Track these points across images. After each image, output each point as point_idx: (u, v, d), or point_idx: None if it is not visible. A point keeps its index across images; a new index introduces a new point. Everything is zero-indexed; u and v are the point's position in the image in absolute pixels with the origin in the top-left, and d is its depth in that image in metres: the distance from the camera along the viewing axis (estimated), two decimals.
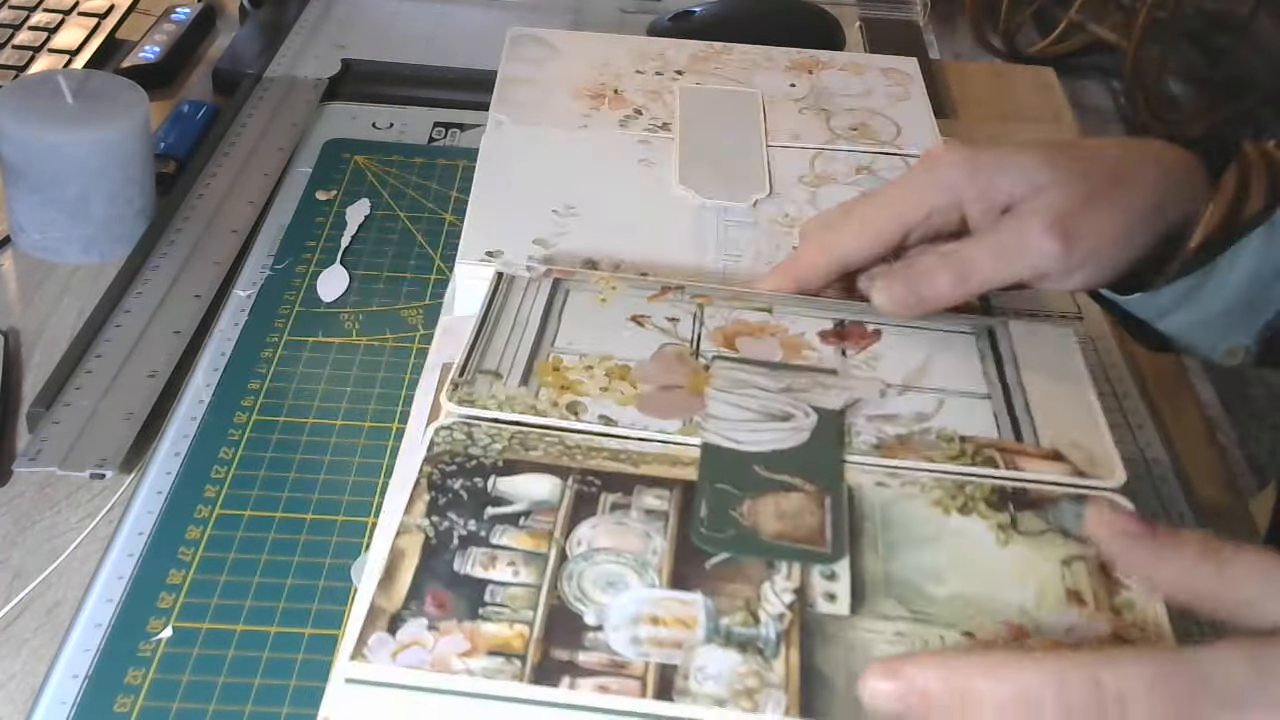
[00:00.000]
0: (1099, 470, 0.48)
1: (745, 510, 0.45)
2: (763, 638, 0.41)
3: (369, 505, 0.56)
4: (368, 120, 0.84)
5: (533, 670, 0.39)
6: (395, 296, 0.68)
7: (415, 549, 0.43)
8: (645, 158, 0.69)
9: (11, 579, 0.52)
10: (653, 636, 0.40)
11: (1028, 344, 0.55)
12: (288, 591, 0.52)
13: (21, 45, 0.86)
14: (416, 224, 0.74)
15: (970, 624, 0.42)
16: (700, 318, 0.54)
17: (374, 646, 0.39)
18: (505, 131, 0.71)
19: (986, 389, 0.52)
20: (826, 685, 0.39)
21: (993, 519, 0.46)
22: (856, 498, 0.46)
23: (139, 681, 0.48)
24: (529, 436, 0.48)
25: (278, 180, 0.76)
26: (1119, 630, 0.42)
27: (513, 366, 0.51)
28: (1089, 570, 0.44)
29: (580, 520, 0.44)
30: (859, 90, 0.77)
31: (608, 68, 0.77)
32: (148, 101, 0.70)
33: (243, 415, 0.60)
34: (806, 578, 0.43)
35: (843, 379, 0.52)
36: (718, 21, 0.91)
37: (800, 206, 0.66)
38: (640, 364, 0.51)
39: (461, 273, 0.60)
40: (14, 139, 0.67)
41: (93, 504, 0.56)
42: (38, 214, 0.69)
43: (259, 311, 0.66)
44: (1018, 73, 0.98)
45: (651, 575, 0.42)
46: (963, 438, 0.49)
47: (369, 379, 0.63)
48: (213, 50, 0.91)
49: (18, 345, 0.64)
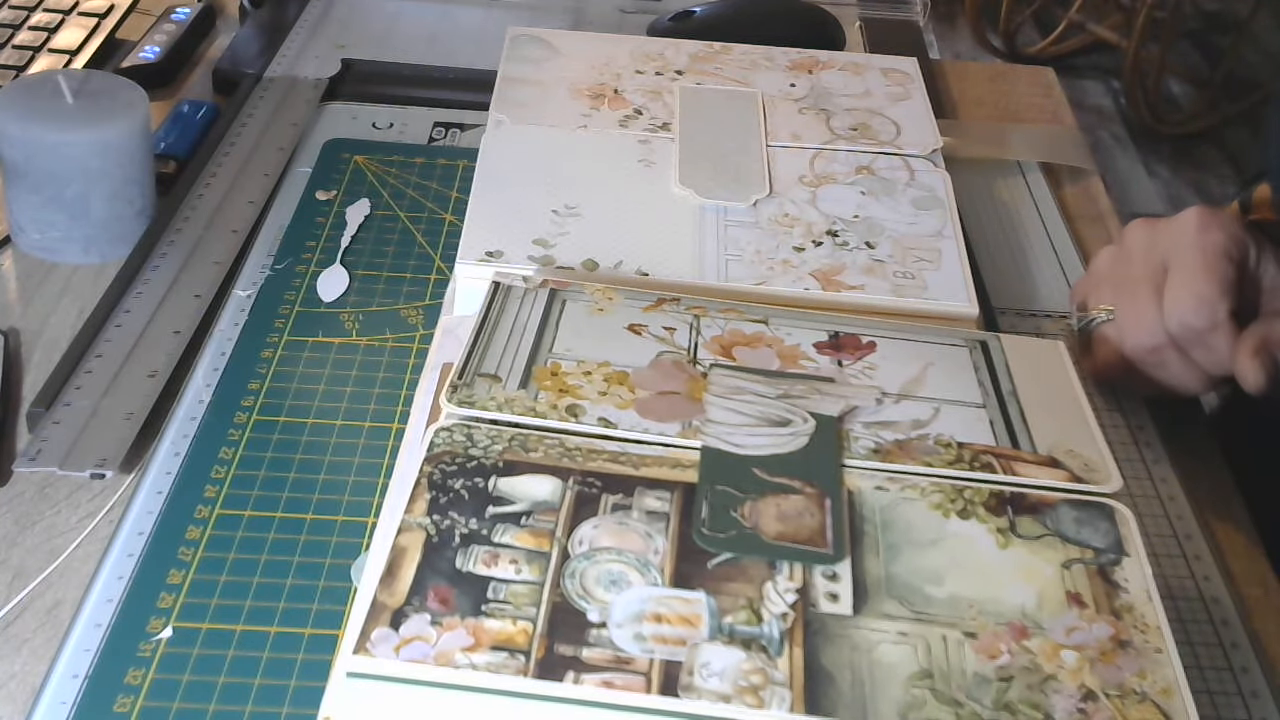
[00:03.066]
0: (1096, 476, 0.48)
1: (746, 512, 0.45)
2: (766, 636, 0.41)
3: (369, 505, 0.56)
4: (368, 120, 0.84)
5: (537, 665, 0.39)
6: (395, 296, 0.68)
7: (417, 546, 0.43)
8: (645, 158, 0.69)
9: (11, 579, 0.52)
10: (657, 633, 0.40)
11: (1020, 356, 0.55)
12: (288, 591, 0.52)
13: (21, 45, 0.86)
14: (416, 224, 0.74)
15: (972, 624, 0.42)
16: (696, 328, 0.54)
17: (377, 641, 0.39)
18: (505, 131, 0.71)
19: (981, 398, 0.52)
20: (831, 683, 0.39)
21: (992, 523, 0.46)
22: (856, 501, 0.46)
23: (139, 681, 0.48)
24: (529, 439, 0.48)
25: (278, 180, 0.76)
26: (1120, 632, 0.42)
27: (511, 370, 0.51)
28: (1089, 573, 0.44)
29: (582, 520, 0.44)
30: (859, 90, 0.77)
31: (608, 68, 0.77)
32: (148, 101, 0.70)
33: (243, 415, 0.60)
34: (808, 578, 0.43)
35: (840, 387, 0.52)
36: (718, 21, 0.91)
37: (800, 206, 0.66)
38: (638, 370, 0.51)
39: (461, 273, 0.60)
40: (14, 139, 0.67)
41: (93, 504, 0.56)
42: (38, 214, 0.69)
43: (259, 311, 0.66)
44: (1018, 73, 0.98)
45: (654, 574, 0.42)
46: (960, 443, 0.49)
47: (369, 379, 0.63)
48: (213, 50, 0.91)
49: (18, 345, 0.64)
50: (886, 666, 0.40)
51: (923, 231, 0.65)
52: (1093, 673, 0.41)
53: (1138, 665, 0.41)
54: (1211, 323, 0.58)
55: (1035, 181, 0.82)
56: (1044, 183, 0.81)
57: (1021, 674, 0.41)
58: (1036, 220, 0.78)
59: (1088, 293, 0.65)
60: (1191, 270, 0.59)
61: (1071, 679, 0.41)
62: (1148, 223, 0.62)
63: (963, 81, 0.94)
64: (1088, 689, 0.40)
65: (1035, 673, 0.41)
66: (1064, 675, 0.41)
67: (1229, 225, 0.60)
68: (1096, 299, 0.64)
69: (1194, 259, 0.59)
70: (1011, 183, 0.82)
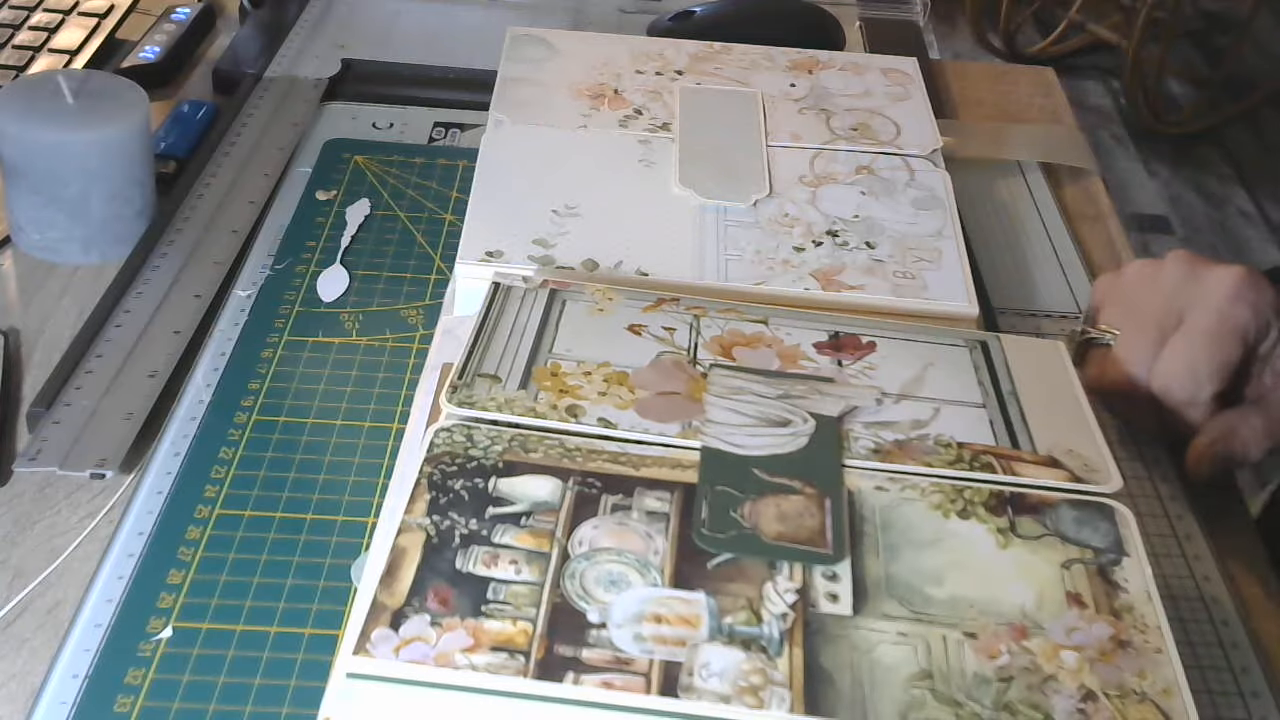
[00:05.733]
0: (1095, 476, 0.48)
1: (746, 512, 0.45)
2: (766, 636, 0.41)
3: (369, 505, 0.56)
4: (368, 120, 0.84)
5: (537, 666, 0.39)
6: (395, 296, 0.68)
7: (417, 547, 0.43)
8: (645, 158, 0.69)
9: (11, 579, 0.52)
10: (656, 634, 0.40)
11: (1020, 356, 0.55)
12: (288, 591, 0.52)
13: (21, 45, 0.86)
14: (416, 224, 0.74)
15: (972, 624, 0.42)
16: (696, 328, 0.54)
17: (377, 641, 0.39)
18: (505, 131, 0.71)
19: (981, 399, 0.52)
20: (831, 683, 0.39)
21: (992, 523, 0.46)
22: (856, 501, 0.46)
23: (139, 681, 0.48)
24: (529, 439, 0.48)
25: (278, 180, 0.76)
26: (1119, 632, 0.42)
27: (511, 370, 0.51)
28: (1089, 573, 0.44)
29: (581, 521, 0.44)
30: (859, 90, 0.77)
31: (607, 68, 0.77)
32: (148, 101, 0.70)
33: (243, 415, 0.60)
34: (808, 578, 0.43)
35: (840, 387, 0.52)
36: (718, 21, 0.91)
37: (800, 206, 0.66)
38: (638, 371, 0.51)
39: (461, 273, 0.60)
40: (14, 139, 0.67)
41: (93, 504, 0.56)
42: (38, 214, 0.69)
43: (259, 311, 0.66)
44: (1018, 73, 0.98)
45: (654, 575, 0.42)
46: (960, 443, 0.49)
47: (369, 379, 0.63)
48: (213, 50, 0.91)
49: (18, 345, 0.64)
50: (886, 667, 0.40)
51: (923, 231, 0.65)
52: (1093, 673, 0.41)
53: (1138, 665, 0.41)
54: (1191, 399, 0.58)
55: (1035, 181, 0.82)
56: (1044, 183, 0.81)
57: (1021, 674, 0.41)
58: (1036, 220, 0.78)
59: (1103, 301, 0.64)
60: (1198, 338, 0.58)
61: (1071, 679, 0.41)
62: (1190, 260, 0.61)
63: (963, 81, 0.94)
64: (1088, 689, 0.40)
65: (1035, 673, 0.41)
66: (1064, 675, 0.41)
67: (1260, 301, 0.58)
68: (1108, 316, 0.63)
69: (1208, 326, 0.58)
70: (1011, 183, 0.82)
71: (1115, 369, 0.60)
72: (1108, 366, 0.61)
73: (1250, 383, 0.59)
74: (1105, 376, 0.61)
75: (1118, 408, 0.62)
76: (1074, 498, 0.47)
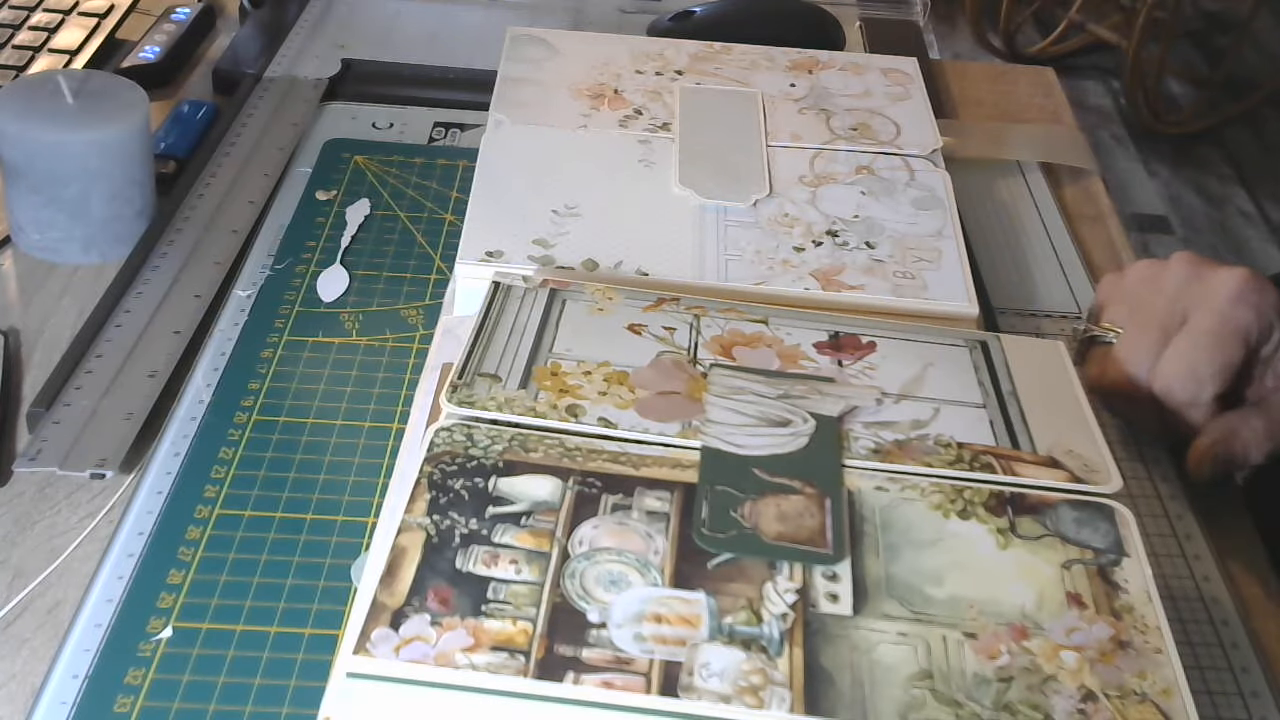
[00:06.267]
0: (1096, 476, 0.48)
1: (746, 512, 0.45)
2: (766, 636, 0.41)
3: (369, 505, 0.56)
4: (368, 120, 0.84)
5: (537, 665, 0.39)
6: (395, 296, 0.68)
7: (417, 546, 0.43)
8: (645, 158, 0.69)
9: (11, 579, 0.52)
10: (656, 634, 0.40)
11: (1020, 356, 0.55)
12: (288, 591, 0.52)
13: (21, 45, 0.86)
14: (416, 224, 0.74)
15: (972, 625, 0.42)
16: (696, 327, 0.54)
17: (377, 641, 0.39)
18: (505, 131, 0.71)
19: (981, 399, 0.52)
20: (831, 683, 0.39)
21: (992, 523, 0.46)
22: (856, 501, 0.46)
23: (139, 681, 0.48)
24: (529, 439, 0.48)
25: (278, 180, 0.76)
26: (1119, 632, 0.42)
27: (511, 370, 0.51)
28: (1089, 573, 0.44)
29: (582, 520, 0.44)
30: (859, 90, 0.77)
31: (607, 68, 0.77)
32: (148, 101, 0.70)
33: (243, 415, 0.60)
34: (808, 578, 0.43)
35: (840, 387, 0.52)
36: (718, 21, 0.91)
37: (800, 206, 0.66)
38: (638, 370, 0.51)
39: (461, 273, 0.60)
40: (14, 139, 0.67)
41: (93, 504, 0.56)
42: (38, 214, 0.69)
43: (259, 311, 0.66)
44: (1018, 73, 0.98)
45: (654, 575, 0.42)
46: (960, 444, 0.49)
47: (369, 379, 0.63)
48: (213, 50, 0.91)
49: (18, 345, 0.64)
50: (886, 667, 0.40)
51: (923, 231, 0.65)
52: (1092, 673, 0.41)
53: (1138, 666, 0.41)
54: (1192, 400, 0.58)
55: (1035, 181, 0.82)
56: (1044, 183, 0.81)
57: (1021, 674, 0.41)
58: (1036, 220, 0.78)
59: (1107, 300, 0.64)
60: (1200, 339, 0.58)
61: (1071, 679, 0.41)
62: (1194, 261, 0.61)
63: (963, 81, 0.94)
64: (1087, 689, 0.40)
65: (1035, 673, 0.41)
66: (1064, 676, 0.41)
67: (1264, 304, 0.58)
68: (1111, 315, 0.63)
69: (1210, 327, 0.58)
70: (1011, 183, 0.82)
71: (1117, 368, 0.60)
72: (1109, 366, 0.61)
73: (1251, 385, 0.59)
74: (1107, 375, 0.61)
75: (1119, 408, 0.62)
76: (1074, 498, 0.47)
